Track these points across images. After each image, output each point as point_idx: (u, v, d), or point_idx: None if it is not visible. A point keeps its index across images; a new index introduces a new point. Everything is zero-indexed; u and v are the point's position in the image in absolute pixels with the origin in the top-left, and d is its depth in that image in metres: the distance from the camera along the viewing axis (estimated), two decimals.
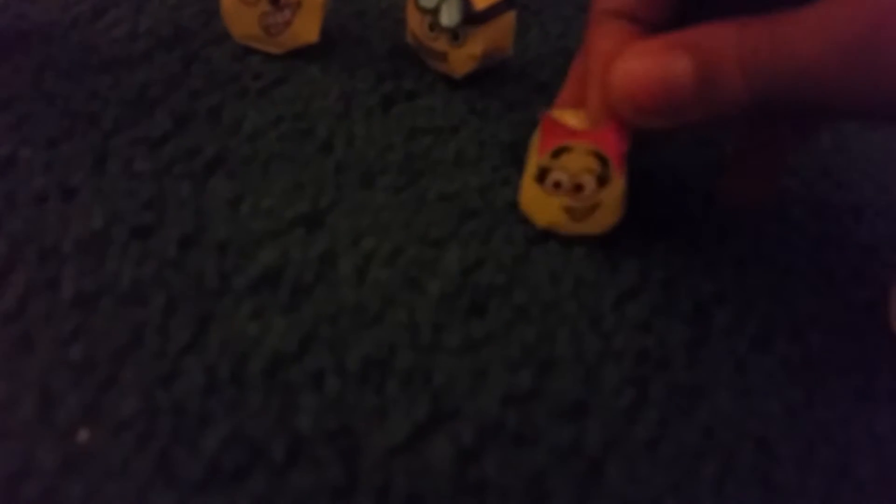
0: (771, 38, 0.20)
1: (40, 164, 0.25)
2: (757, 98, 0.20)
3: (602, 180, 0.24)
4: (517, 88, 0.31)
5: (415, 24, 0.31)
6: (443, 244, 0.25)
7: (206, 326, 0.21)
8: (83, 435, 0.18)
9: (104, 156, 0.25)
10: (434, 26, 0.30)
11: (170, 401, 0.19)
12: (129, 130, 0.26)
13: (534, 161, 0.24)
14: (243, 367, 0.20)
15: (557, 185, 0.24)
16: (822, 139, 0.32)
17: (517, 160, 0.28)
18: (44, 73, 0.28)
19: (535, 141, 0.25)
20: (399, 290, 0.23)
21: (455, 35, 0.29)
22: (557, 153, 0.24)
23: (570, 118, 0.24)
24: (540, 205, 0.25)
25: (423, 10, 0.30)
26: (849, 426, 0.21)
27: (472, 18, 0.29)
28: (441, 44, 0.30)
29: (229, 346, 0.21)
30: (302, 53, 0.31)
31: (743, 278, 0.25)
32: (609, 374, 0.22)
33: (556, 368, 0.22)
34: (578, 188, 0.24)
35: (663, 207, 0.26)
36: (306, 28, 0.30)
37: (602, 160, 0.23)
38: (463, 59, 0.30)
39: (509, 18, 0.30)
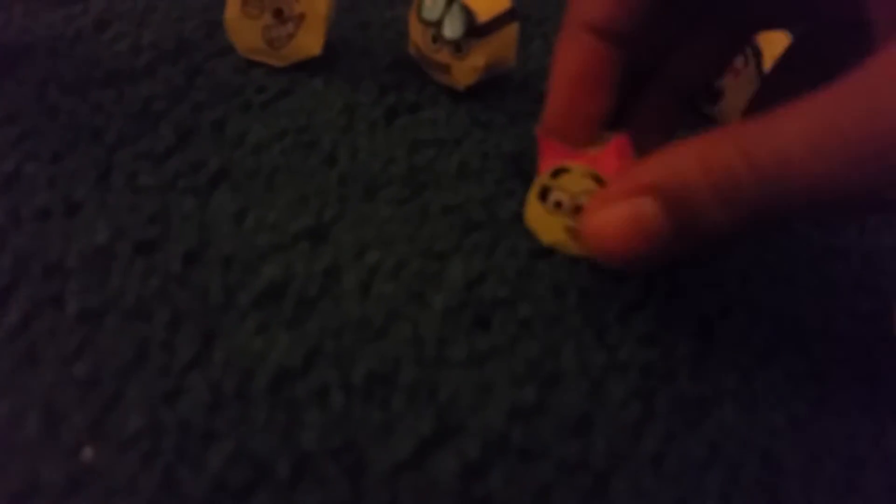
0: (749, 161, 0.18)
1: (44, 178, 0.25)
2: (745, 223, 0.19)
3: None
4: (520, 100, 0.31)
5: (417, 36, 0.31)
6: (447, 257, 0.25)
7: (211, 342, 0.21)
8: (88, 452, 0.18)
9: (108, 170, 0.25)
10: (437, 38, 0.30)
11: (175, 417, 0.19)
12: (133, 144, 0.26)
13: (535, 181, 0.25)
14: (248, 383, 0.20)
15: (559, 204, 0.24)
16: None
17: (521, 172, 0.28)
18: (47, 87, 0.28)
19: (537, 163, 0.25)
20: (403, 304, 0.23)
21: (458, 47, 0.29)
22: (556, 173, 0.24)
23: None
24: (543, 223, 0.25)
25: (426, 23, 0.30)
26: (855, 439, 0.21)
27: (474, 31, 0.29)
28: (444, 56, 0.30)
29: (234, 362, 0.21)
30: (305, 66, 0.31)
31: (748, 291, 0.25)
32: (614, 388, 0.22)
33: (561, 382, 0.22)
34: (578, 210, 0.24)
35: None
36: (309, 41, 0.30)
37: (601, 183, 0.23)
38: (466, 70, 0.30)
39: (512, 30, 0.30)
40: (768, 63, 0.30)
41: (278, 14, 0.29)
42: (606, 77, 0.24)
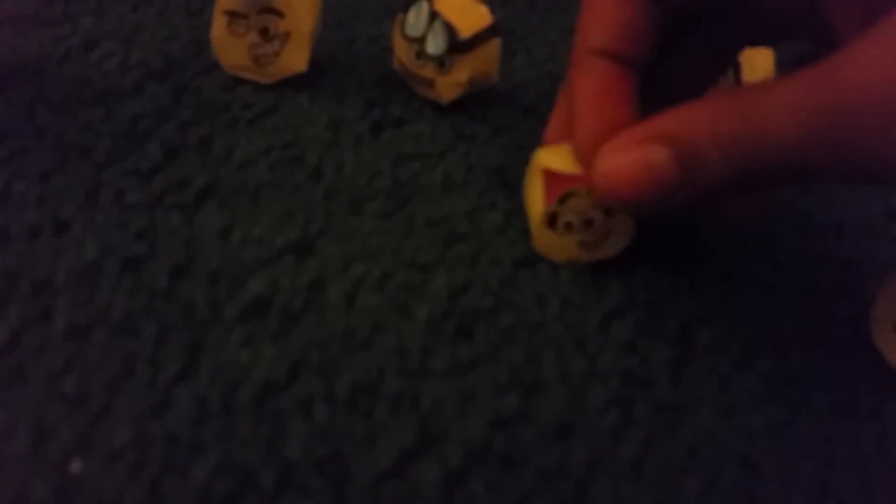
0: (742, 119, 0.20)
1: (33, 197, 0.25)
2: (739, 176, 0.21)
3: (609, 212, 0.24)
4: (504, 113, 0.32)
5: (402, 52, 0.31)
6: (430, 269, 0.25)
7: (197, 356, 0.21)
8: (76, 465, 0.19)
9: (96, 188, 0.26)
10: (421, 54, 0.30)
11: (161, 430, 0.20)
12: (121, 162, 0.27)
13: (539, 209, 0.25)
14: (234, 396, 0.21)
15: (569, 225, 0.25)
16: None
17: (504, 184, 0.28)
18: (36, 106, 0.29)
19: (533, 186, 0.25)
20: (387, 316, 0.23)
21: (441, 63, 0.30)
22: (563, 199, 0.24)
23: (561, 158, 0.25)
24: (556, 246, 0.25)
25: (410, 39, 0.30)
26: (831, 442, 0.22)
27: (457, 47, 0.29)
28: (428, 71, 0.30)
29: (220, 375, 0.21)
30: (291, 82, 0.31)
31: (727, 297, 0.25)
32: (594, 395, 0.22)
33: (543, 390, 0.22)
34: (589, 223, 0.25)
35: (648, 229, 0.27)
36: (295, 58, 0.30)
37: None
38: (449, 85, 0.30)
39: (494, 45, 0.30)
40: (747, 75, 0.31)
41: (264, 32, 0.30)
42: (628, 90, 0.24)
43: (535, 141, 0.27)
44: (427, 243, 0.26)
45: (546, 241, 0.25)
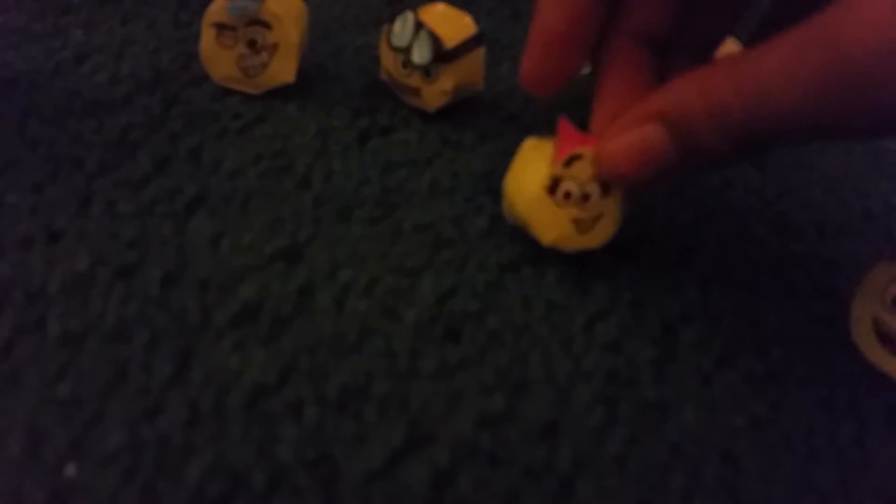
0: (736, 89, 0.20)
1: (26, 208, 0.26)
2: (737, 147, 0.21)
3: (606, 188, 0.25)
4: (489, 120, 0.33)
5: (388, 61, 0.32)
6: (418, 273, 0.25)
7: (189, 361, 0.22)
8: (71, 470, 0.19)
9: (88, 198, 0.26)
10: (407, 64, 0.31)
11: (154, 434, 0.20)
12: (112, 173, 0.27)
13: (543, 172, 0.24)
14: (225, 400, 0.21)
15: (567, 195, 0.25)
16: (782, 158, 0.33)
17: (490, 189, 0.29)
18: (28, 118, 0.29)
19: (529, 161, 0.25)
20: (376, 320, 0.24)
21: (427, 72, 0.30)
22: (570, 161, 0.24)
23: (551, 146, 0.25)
24: (549, 218, 0.25)
25: (396, 49, 0.31)
26: (812, 437, 0.22)
27: (442, 56, 0.30)
28: (414, 80, 0.31)
29: (211, 380, 0.21)
30: (280, 93, 0.32)
31: (708, 297, 0.26)
32: (579, 395, 0.22)
33: (529, 390, 0.22)
34: (585, 198, 0.25)
35: (630, 230, 0.27)
36: (283, 69, 0.31)
37: None
38: (435, 94, 0.31)
39: (479, 54, 0.31)
40: None
41: (252, 44, 0.30)
42: (584, 37, 0.25)
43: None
44: (414, 248, 0.26)
45: (541, 212, 0.25)
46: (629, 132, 0.23)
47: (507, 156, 0.29)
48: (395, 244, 0.26)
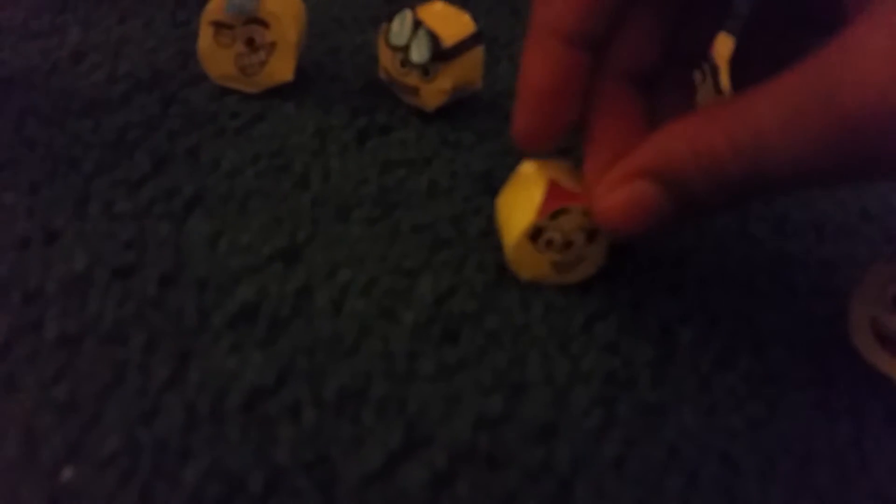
0: (730, 144, 0.19)
1: (23, 208, 0.26)
2: (732, 198, 0.21)
3: (591, 236, 0.25)
4: (488, 119, 0.32)
5: (386, 60, 0.32)
6: (416, 274, 0.25)
7: (186, 363, 0.22)
8: (68, 473, 0.19)
9: (85, 198, 0.26)
10: (405, 63, 0.31)
11: (151, 437, 0.20)
12: (110, 173, 0.27)
13: (528, 218, 0.24)
14: (222, 402, 0.21)
15: (550, 243, 0.25)
16: None
17: (488, 189, 0.29)
18: (25, 118, 0.29)
19: (521, 195, 0.25)
20: (374, 321, 0.24)
21: (425, 71, 0.30)
22: (556, 215, 0.24)
23: (554, 171, 0.25)
24: (529, 261, 0.25)
25: (394, 48, 0.31)
26: (809, 439, 0.22)
27: (440, 55, 0.30)
28: (412, 79, 0.31)
29: (208, 382, 0.21)
30: (278, 91, 0.32)
31: (707, 297, 0.26)
32: (578, 396, 0.22)
33: (527, 391, 0.22)
34: (568, 245, 0.25)
35: None
36: (281, 68, 0.31)
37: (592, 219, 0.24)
38: (434, 93, 0.31)
39: (477, 53, 0.31)
40: (725, 79, 0.31)
41: (250, 43, 0.30)
42: (574, 87, 0.24)
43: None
44: (413, 249, 0.26)
45: (521, 254, 0.25)
46: (622, 187, 0.22)
47: (505, 156, 0.29)
48: (393, 244, 0.26)
